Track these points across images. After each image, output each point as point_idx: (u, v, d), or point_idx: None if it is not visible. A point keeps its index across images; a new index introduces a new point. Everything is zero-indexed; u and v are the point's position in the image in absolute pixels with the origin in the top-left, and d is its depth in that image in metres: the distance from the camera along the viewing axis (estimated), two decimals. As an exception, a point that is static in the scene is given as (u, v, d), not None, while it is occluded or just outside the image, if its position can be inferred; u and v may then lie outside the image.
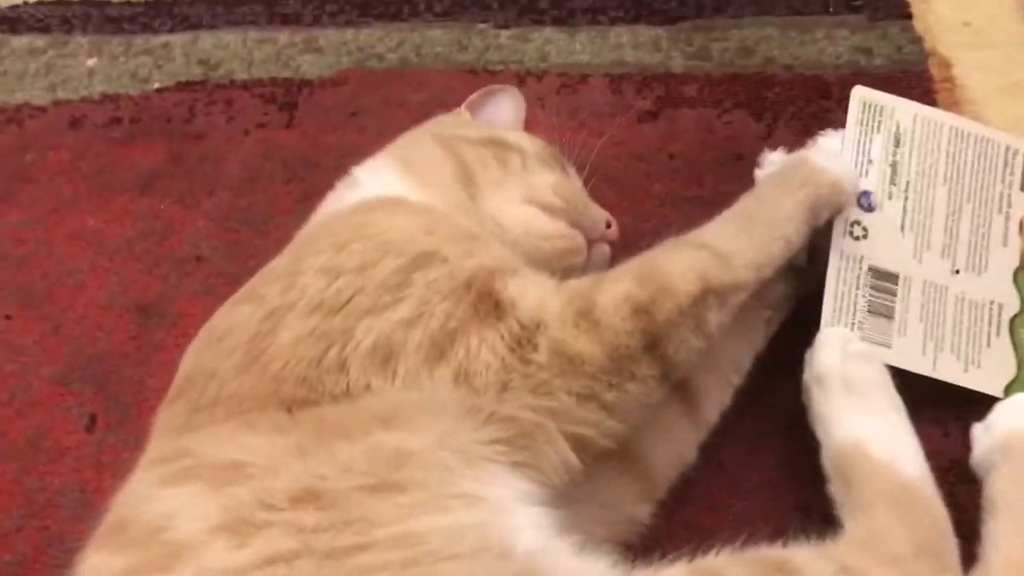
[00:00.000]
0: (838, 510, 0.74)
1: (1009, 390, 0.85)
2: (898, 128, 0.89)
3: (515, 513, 0.64)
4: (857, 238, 0.86)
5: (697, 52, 1.16)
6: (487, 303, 0.69)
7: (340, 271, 0.70)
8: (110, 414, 0.93)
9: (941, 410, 0.84)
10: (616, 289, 0.69)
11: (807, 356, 0.82)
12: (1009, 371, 0.86)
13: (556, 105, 1.12)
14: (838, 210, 0.83)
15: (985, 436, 0.80)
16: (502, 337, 0.67)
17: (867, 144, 0.89)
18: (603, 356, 0.67)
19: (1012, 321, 0.87)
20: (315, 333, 0.68)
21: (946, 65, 1.11)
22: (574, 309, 0.68)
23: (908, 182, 0.88)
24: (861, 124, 0.89)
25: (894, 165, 0.88)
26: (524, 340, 0.67)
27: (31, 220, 1.07)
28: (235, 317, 0.73)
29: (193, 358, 0.74)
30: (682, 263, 0.71)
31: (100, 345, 0.97)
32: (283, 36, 1.23)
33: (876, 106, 0.89)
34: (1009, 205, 0.89)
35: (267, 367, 0.68)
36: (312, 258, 0.72)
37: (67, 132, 1.15)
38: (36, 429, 0.92)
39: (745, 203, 0.79)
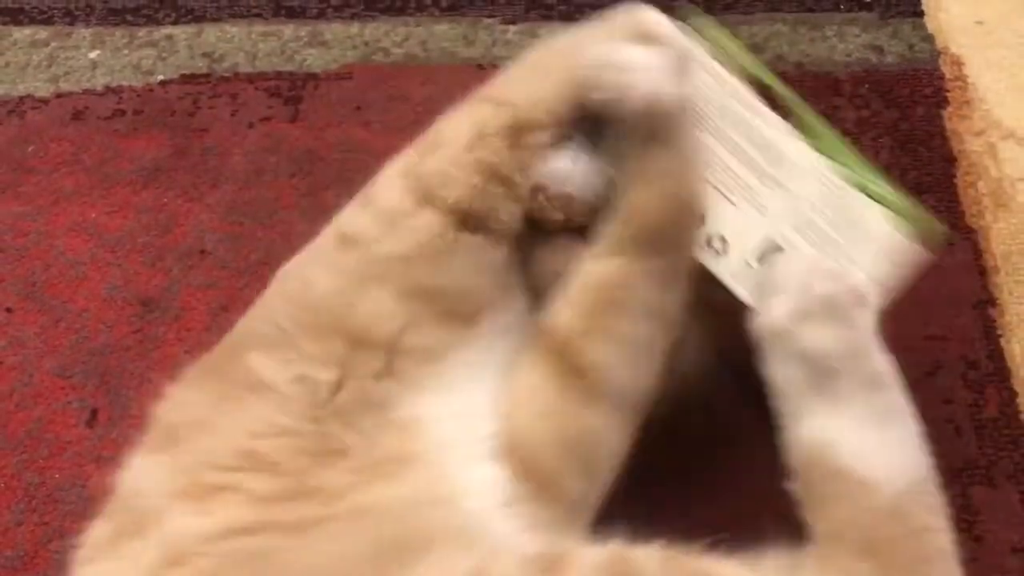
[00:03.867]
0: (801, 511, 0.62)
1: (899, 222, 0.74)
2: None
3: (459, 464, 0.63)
4: (718, 252, 0.75)
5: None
6: None
7: None
8: (111, 408, 0.92)
9: (953, 408, 0.83)
10: None
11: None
12: (891, 221, 0.74)
13: (564, 101, 1.11)
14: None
15: None
16: None
17: None
18: None
19: (861, 188, 0.76)
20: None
21: (958, 64, 1.10)
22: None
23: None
24: None
25: None
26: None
27: (32, 212, 1.06)
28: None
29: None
30: None
31: (101, 338, 0.96)
32: (288, 29, 1.22)
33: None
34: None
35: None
36: None
37: (69, 124, 1.14)
38: (36, 422, 0.91)
39: None
